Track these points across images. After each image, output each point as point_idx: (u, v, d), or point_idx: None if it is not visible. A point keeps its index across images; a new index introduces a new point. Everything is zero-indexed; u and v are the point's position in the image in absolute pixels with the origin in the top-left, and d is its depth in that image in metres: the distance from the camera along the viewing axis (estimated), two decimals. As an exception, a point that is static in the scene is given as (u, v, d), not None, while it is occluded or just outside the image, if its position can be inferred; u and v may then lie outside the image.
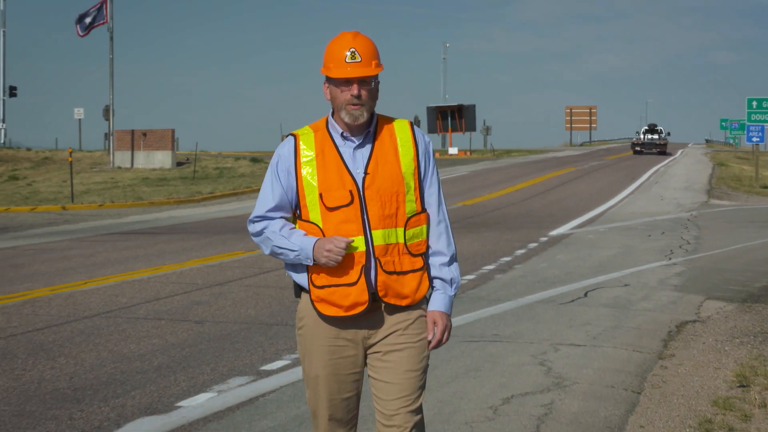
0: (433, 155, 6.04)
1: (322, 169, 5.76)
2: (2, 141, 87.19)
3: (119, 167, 64.03)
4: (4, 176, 59.20)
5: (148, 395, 10.89)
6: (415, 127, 5.98)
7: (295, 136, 5.87)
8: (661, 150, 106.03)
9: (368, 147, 5.83)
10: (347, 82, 5.72)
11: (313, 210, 5.77)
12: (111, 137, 66.94)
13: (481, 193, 49.17)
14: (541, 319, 15.68)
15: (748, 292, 19.07)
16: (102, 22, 64.83)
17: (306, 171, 5.78)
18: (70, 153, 50.70)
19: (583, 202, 44.23)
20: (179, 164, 65.77)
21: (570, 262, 23.50)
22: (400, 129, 5.92)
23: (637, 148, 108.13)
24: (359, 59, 5.71)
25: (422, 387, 5.92)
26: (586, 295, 18.24)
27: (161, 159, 64.92)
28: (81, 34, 64.90)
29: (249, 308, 16.26)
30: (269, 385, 11.06)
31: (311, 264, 5.72)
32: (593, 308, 16.82)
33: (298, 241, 5.73)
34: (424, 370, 5.92)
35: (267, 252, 5.91)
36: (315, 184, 5.76)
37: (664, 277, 20.95)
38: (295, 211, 5.91)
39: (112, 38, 65.60)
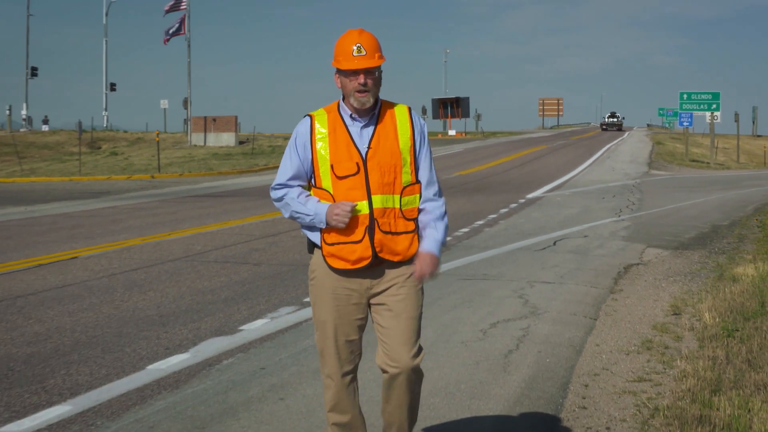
0: (427, 135, 5.68)
1: (333, 144, 5.47)
2: (105, 125, 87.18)
3: (195, 145, 63.95)
4: (106, 152, 59.21)
5: (217, 321, 10.90)
6: (412, 111, 5.66)
7: (311, 117, 5.57)
8: (618, 128, 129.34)
9: (372, 126, 5.51)
10: (355, 72, 5.40)
11: (325, 178, 5.48)
12: (188, 122, 67.05)
13: (473, 165, 49.07)
14: (520, 263, 15.66)
15: (680, 242, 19.04)
16: (181, 33, 64.83)
17: (320, 146, 5.49)
18: (157, 134, 50.83)
19: (552, 172, 44.15)
20: (241, 143, 65.67)
21: (542, 218, 23.47)
22: (400, 113, 5.59)
23: (604, 127, 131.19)
24: (364, 53, 5.39)
25: (419, 331, 5.64)
26: (554, 244, 18.21)
27: (227, 139, 64.85)
28: (165, 41, 64.97)
29: (295, 254, 16.26)
30: (310, 313, 11.05)
31: (324, 227, 5.47)
32: (560, 254, 16.79)
33: (312, 208, 5.47)
34: (420, 317, 5.63)
35: (286, 215, 5.65)
36: (327, 156, 5.47)
37: (614, 230, 20.91)
38: (310, 180, 5.62)
39: (189, 46, 65.59)
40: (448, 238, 5.79)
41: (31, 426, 7.16)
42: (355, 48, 5.40)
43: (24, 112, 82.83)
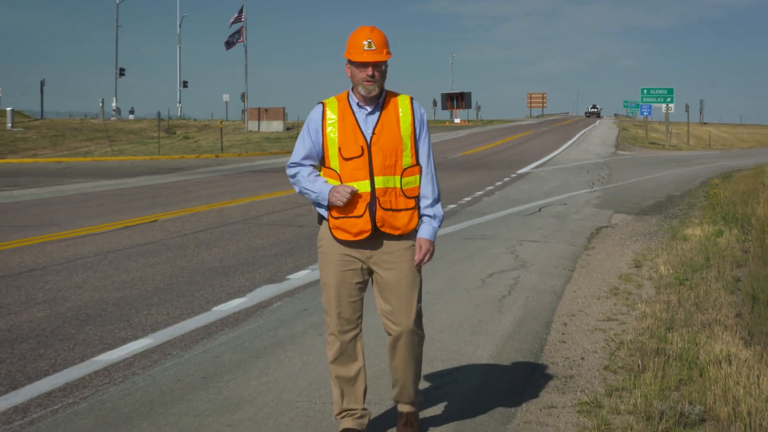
0: (427, 123, 5.25)
1: (342, 129, 5.09)
2: (179, 115, 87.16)
3: (251, 131, 63.92)
4: (179, 136, 59.20)
5: (268, 271, 10.91)
6: (414, 101, 5.22)
7: (323, 104, 5.18)
8: (597, 115, 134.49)
9: (377, 114, 5.10)
10: (364, 65, 5.00)
11: (334, 159, 5.11)
12: (245, 112, 67.09)
13: (475, 147, 48.94)
14: (511, 225, 15.62)
15: (640, 209, 18.99)
16: (240, 40, 64.78)
17: (330, 130, 5.11)
18: (220, 122, 50.93)
19: (538, 152, 44.01)
20: (287, 129, 65.56)
21: (530, 189, 23.41)
22: (403, 102, 5.16)
23: (587, 114, 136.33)
24: (374, 48, 4.99)
25: (418, 294, 5.21)
26: (539, 210, 18.16)
27: (276, 126, 64.79)
28: (228, 49, 65.03)
29: (330, 218, 16.25)
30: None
31: (326, 204, 5.11)
32: (544, 218, 16.74)
33: (318, 187, 5.14)
34: (418, 284, 5.21)
35: (297, 190, 5.32)
36: (336, 139, 5.09)
37: (588, 199, 20.85)
38: (320, 161, 5.28)
39: (246, 50, 65.58)
40: (453, 206, 5.56)
41: (120, 355, 7.20)
42: (366, 43, 5.02)
43: (114, 104, 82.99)
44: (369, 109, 5.12)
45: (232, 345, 7.54)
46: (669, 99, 65.38)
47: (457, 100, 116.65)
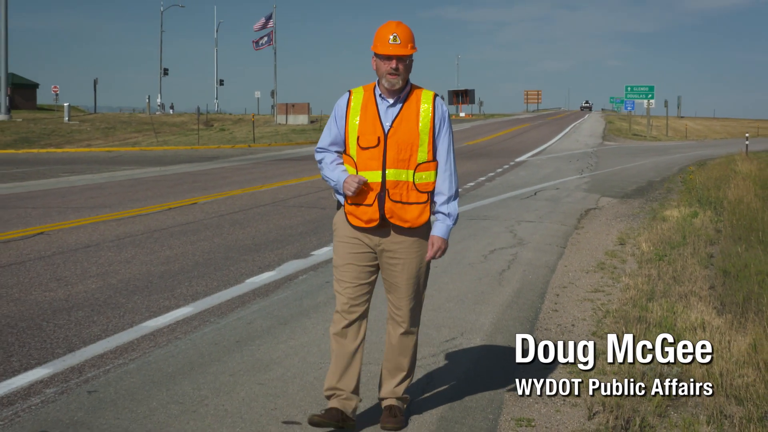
0: (449, 121, 4.86)
1: (363, 118, 4.75)
2: (216, 109, 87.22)
3: (279, 124, 63.82)
4: (216, 129, 59.14)
5: (295, 248, 10.91)
6: (438, 98, 4.83)
7: (350, 93, 4.84)
8: (589, 109, 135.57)
9: (398, 107, 4.74)
10: (389, 58, 4.68)
11: (352, 148, 4.78)
12: (275, 107, 67.03)
13: (478, 138, 48.79)
14: (510, 207, 15.58)
15: (625, 193, 18.93)
16: (270, 44, 64.61)
17: (352, 118, 4.77)
18: (253, 116, 50.96)
19: (534, 142, 43.86)
20: (312, 122, 65.41)
21: (527, 175, 23.33)
22: (426, 98, 4.79)
23: (581, 108, 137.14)
24: (399, 42, 4.66)
25: (423, 286, 4.94)
26: (535, 194, 18.11)
27: (302, 119, 64.70)
28: (256, 49, 64.88)
29: (350, 201, 16.23)
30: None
31: (341, 191, 4.80)
32: (539, 201, 16.69)
33: (336, 175, 4.80)
34: (425, 275, 4.92)
35: (322, 175, 4.96)
36: (356, 128, 4.76)
37: (578, 184, 20.78)
38: (344, 147, 4.89)
39: (275, 53, 65.41)
40: (459, 189, 5.30)
41: (165, 322, 7.22)
42: (391, 37, 4.68)
43: (159, 100, 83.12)
44: (391, 101, 4.78)
45: (262, 313, 7.55)
46: (650, 95, 65.16)
47: (462, 96, 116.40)
